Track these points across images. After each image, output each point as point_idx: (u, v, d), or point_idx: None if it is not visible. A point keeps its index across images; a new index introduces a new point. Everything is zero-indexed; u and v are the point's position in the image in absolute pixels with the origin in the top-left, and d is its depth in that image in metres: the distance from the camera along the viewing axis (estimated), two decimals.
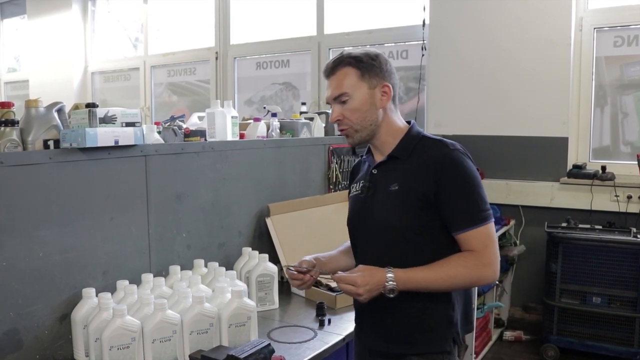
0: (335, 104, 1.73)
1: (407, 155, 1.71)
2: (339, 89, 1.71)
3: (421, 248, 1.66)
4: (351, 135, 1.74)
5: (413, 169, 1.68)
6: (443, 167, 1.63)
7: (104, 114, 1.92)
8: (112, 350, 1.69)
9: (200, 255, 2.34)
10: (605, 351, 3.69)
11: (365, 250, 1.79)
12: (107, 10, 7.08)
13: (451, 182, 1.62)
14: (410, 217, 1.66)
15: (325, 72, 1.77)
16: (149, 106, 6.63)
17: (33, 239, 1.78)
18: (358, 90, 1.69)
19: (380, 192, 1.73)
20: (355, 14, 5.33)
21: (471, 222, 1.62)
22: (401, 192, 1.67)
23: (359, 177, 1.87)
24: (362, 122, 1.71)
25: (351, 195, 1.88)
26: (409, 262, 1.63)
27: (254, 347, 1.70)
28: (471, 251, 1.62)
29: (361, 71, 1.70)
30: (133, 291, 1.91)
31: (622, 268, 3.62)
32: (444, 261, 1.63)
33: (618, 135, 4.23)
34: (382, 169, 1.76)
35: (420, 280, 1.61)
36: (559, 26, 4.13)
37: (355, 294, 1.59)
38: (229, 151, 2.50)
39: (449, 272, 1.61)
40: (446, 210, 1.63)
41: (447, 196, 1.62)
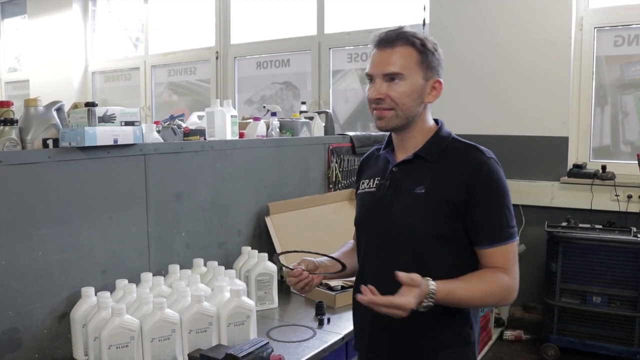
0: (382, 80, 1.56)
1: (436, 156, 1.59)
2: (394, 66, 1.54)
3: (439, 257, 1.55)
4: (388, 118, 1.57)
5: (442, 173, 1.56)
6: (478, 176, 1.52)
7: (103, 113, 1.92)
8: (110, 349, 1.69)
9: (199, 254, 2.34)
10: (606, 351, 3.69)
11: (374, 252, 1.66)
12: (107, 10, 7.09)
13: (485, 193, 1.51)
14: (434, 223, 1.54)
15: (380, 41, 1.58)
16: (149, 106, 6.63)
17: (32, 238, 1.78)
18: (413, 76, 1.55)
19: (403, 193, 1.60)
20: (355, 13, 5.33)
21: (499, 238, 1.52)
22: (428, 196, 1.55)
23: (371, 172, 1.74)
24: (406, 109, 1.56)
25: (362, 191, 1.74)
26: (424, 270, 1.48)
27: (253, 345, 1.70)
28: (500, 268, 1.52)
29: (422, 57, 1.56)
30: (132, 290, 1.91)
31: (622, 267, 3.61)
32: (478, 276, 1.53)
33: (618, 135, 4.22)
34: (405, 168, 1.63)
35: (458, 297, 1.48)
36: (559, 26, 4.13)
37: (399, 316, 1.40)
38: (228, 150, 2.50)
39: (485, 289, 1.51)
40: (474, 222, 1.53)
41: (478, 207, 1.51)
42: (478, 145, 1.60)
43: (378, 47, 1.58)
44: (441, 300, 1.44)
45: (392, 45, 1.55)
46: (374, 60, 1.59)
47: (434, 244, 1.55)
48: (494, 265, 1.53)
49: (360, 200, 1.75)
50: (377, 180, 1.69)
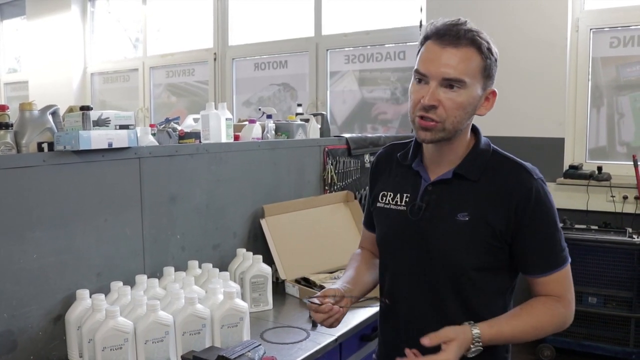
0: (439, 85, 1.35)
1: (478, 175, 1.42)
2: (458, 71, 1.34)
3: (481, 287, 1.43)
4: (435, 131, 1.37)
5: (487, 197, 1.40)
6: (528, 202, 1.37)
7: (98, 117, 1.94)
8: (105, 351, 1.70)
9: (194, 256, 2.36)
10: (601, 351, 3.70)
11: (406, 278, 1.51)
12: (107, 10, 7.10)
13: (537, 221, 1.38)
14: (479, 255, 1.40)
15: (443, 34, 1.37)
16: (147, 107, 6.65)
17: (27, 240, 1.80)
18: (474, 84, 1.37)
19: (443, 219, 1.43)
20: (352, 15, 5.34)
21: (553, 266, 1.41)
22: (473, 225, 1.39)
23: (395, 184, 1.56)
24: (457, 123, 1.38)
25: (386, 207, 1.56)
26: (463, 301, 1.41)
27: (245, 347, 1.72)
28: (553, 297, 1.42)
29: (485, 64, 1.38)
30: (126, 292, 1.92)
31: (617, 268, 3.63)
32: (527, 310, 1.41)
33: (614, 136, 4.24)
34: (442, 188, 1.45)
35: (508, 336, 1.38)
36: (555, 27, 4.14)
37: None
38: (223, 153, 2.52)
39: (535, 323, 1.40)
40: (525, 251, 1.40)
41: (529, 236, 1.38)
42: (524, 162, 1.46)
43: (438, 42, 1.37)
44: (488, 342, 1.35)
45: (457, 44, 1.35)
46: (430, 57, 1.37)
47: (476, 275, 1.42)
48: (548, 293, 1.43)
49: (386, 219, 1.56)
50: (406, 198, 1.50)
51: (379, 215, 1.59)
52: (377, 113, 5.23)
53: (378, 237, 1.62)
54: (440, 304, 1.43)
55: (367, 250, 1.76)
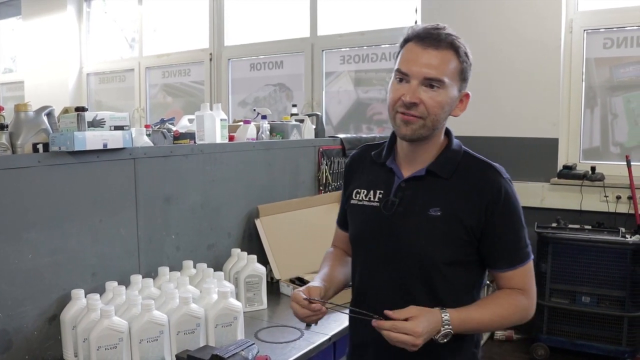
0: (420, 83, 1.40)
1: (450, 173, 1.48)
2: (438, 71, 1.40)
3: (451, 282, 1.47)
4: (415, 127, 1.42)
5: (458, 194, 1.46)
6: (498, 200, 1.43)
7: (93, 118, 1.95)
8: (99, 351, 1.72)
9: (189, 256, 2.37)
10: (595, 350, 3.72)
11: (377, 274, 1.54)
12: (103, 10, 7.10)
13: (505, 218, 1.44)
14: (451, 249, 1.45)
15: (424, 37, 1.42)
16: (143, 107, 6.65)
17: (22, 241, 1.81)
18: (452, 86, 1.43)
19: (416, 214, 1.47)
20: (348, 15, 5.36)
21: (519, 260, 1.47)
22: (445, 220, 1.44)
23: (369, 181, 1.59)
24: (435, 120, 1.43)
25: (359, 203, 1.59)
26: (434, 295, 1.45)
27: (239, 346, 1.73)
28: (517, 290, 1.48)
29: (462, 67, 1.45)
30: (121, 292, 1.93)
31: (610, 268, 3.65)
32: (494, 300, 1.48)
33: (608, 136, 4.26)
34: (415, 184, 1.50)
35: (475, 324, 1.43)
36: (549, 28, 4.16)
37: (411, 345, 1.32)
38: (218, 153, 2.53)
39: (502, 313, 1.46)
40: (493, 247, 1.46)
41: (497, 232, 1.45)
42: (492, 162, 1.52)
43: (420, 43, 1.42)
44: (456, 328, 1.38)
45: (438, 46, 1.41)
46: (412, 57, 1.42)
47: (447, 270, 1.46)
48: (513, 286, 1.49)
49: (359, 215, 1.59)
50: (379, 194, 1.54)
51: (353, 212, 1.62)
52: (372, 113, 5.24)
53: (351, 234, 1.65)
54: (410, 298, 1.45)
55: (339, 249, 1.79)
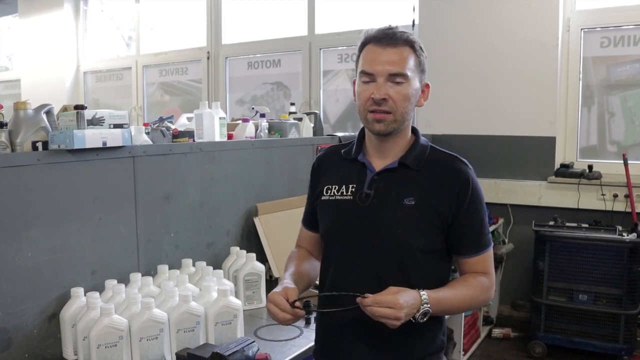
0: (386, 80, 1.47)
1: (421, 165, 1.55)
2: (400, 66, 1.47)
3: (425, 269, 1.53)
4: (387, 122, 1.49)
5: (430, 184, 1.52)
6: (466, 188, 1.52)
7: (92, 116, 1.94)
8: (99, 349, 1.72)
9: (188, 254, 2.37)
10: (592, 347, 3.74)
11: (353, 265, 1.57)
12: (100, 9, 7.09)
13: (471, 205, 1.52)
14: (425, 236, 1.51)
15: (382, 38, 1.49)
16: (141, 106, 6.65)
17: (22, 239, 1.81)
18: (414, 78, 1.51)
19: (391, 204, 1.52)
20: (345, 14, 5.36)
21: (483, 246, 1.56)
22: (419, 209, 1.50)
23: (340, 177, 1.62)
24: (404, 113, 1.50)
25: (330, 198, 1.62)
26: (409, 283, 1.46)
27: (239, 344, 1.73)
28: (481, 273, 1.56)
29: (420, 60, 1.52)
30: (121, 290, 1.93)
31: (607, 266, 3.67)
32: (463, 283, 1.55)
33: (605, 135, 4.27)
34: (388, 176, 1.56)
35: (448, 303, 1.48)
36: (546, 27, 4.17)
37: (394, 318, 1.36)
38: (216, 152, 2.53)
39: (471, 294, 1.53)
40: (461, 234, 1.54)
41: (464, 219, 1.52)
42: (458, 155, 1.59)
43: (378, 44, 1.49)
44: (433, 308, 1.43)
45: (395, 44, 1.48)
46: (374, 58, 1.49)
47: (422, 258, 1.52)
48: (477, 271, 1.57)
49: (332, 209, 1.61)
50: (352, 188, 1.58)
51: (324, 208, 1.64)
52: None
53: (323, 229, 1.66)
54: (384, 283, 1.45)
55: (304, 249, 1.79)
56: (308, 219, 1.78)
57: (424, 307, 1.41)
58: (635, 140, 4.16)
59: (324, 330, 1.69)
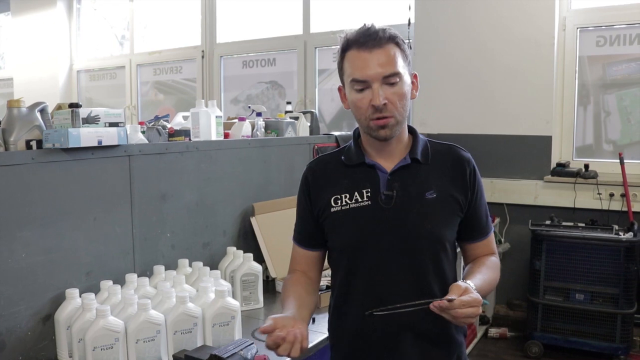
0: (381, 84, 1.42)
1: (427, 159, 1.54)
2: (392, 66, 1.42)
3: (450, 260, 1.55)
4: (391, 126, 1.45)
5: (444, 175, 1.52)
6: (474, 173, 1.54)
7: (87, 114, 1.92)
8: (95, 351, 1.69)
9: (184, 255, 2.35)
10: (588, 347, 3.74)
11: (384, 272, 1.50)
12: (93, 7, 7.05)
13: (479, 189, 1.56)
14: (453, 227, 1.53)
15: (366, 42, 1.43)
16: (135, 105, 6.61)
17: (16, 239, 1.78)
18: (405, 74, 1.46)
19: (414, 201, 1.49)
20: (341, 12, 5.34)
21: (489, 228, 1.61)
22: (441, 200, 1.50)
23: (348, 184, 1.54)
24: (404, 112, 1.47)
25: (342, 209, 1.53)
26: (443, 276, 1.49)
27: (237, 346, 1.71)
28: (491, 254, 1.60)
29: (404, 54, 1.48)
30: (117, 291, 1.91)
31: (604, 265, 3.67)
32: (486, 265, 1.54)
33: (601, 134, 4.28)
34: (402, 174, 1.52)
35: (483, 289, 1.43)
36: (542, 26, 4.17)
37: (476, 315, 1.32)
38: (213, 151, 2.51)
39: (494, 276, 1.54)
40: (473, 219, 1.56)
41: (476, 204, 1.55)
42: (454, 143, 1.61)
43: (363, 48, 1.43)
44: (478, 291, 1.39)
45: (380, 44, 1.42)
46: (363, 63, 1.43)
47: (449, 247, 1.54)
48: (486, 253, 1.60)
49: (348, 219, 1.52)
50: (367, 193, 1.51)
51: (338, 221, 1.54)
52: None
53: (341, 243, 1.56)
54: (425, 281, 1.49)
55: (300, 273, 1.66)
56: (305, 236, 1.65)
57: None
58: (631, 139, 4.16)
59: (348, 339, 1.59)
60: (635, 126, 4.15)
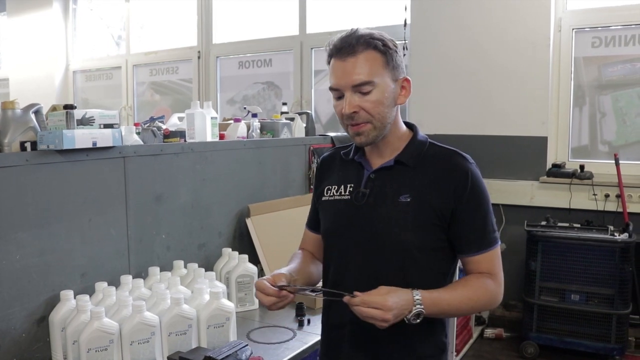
0: (352, 92, 1.45)
1: (417, 162, 1.53)
2: (362, 75, 1.43)
3: (424, 268, 1.50)
4: (366, 133, 1.48)
5: (427, 180, 1.50)
6: (465, 183, 1.47)
7: (82, 116, 1.92)
8: (90, 353, 1.69)
9: (180, 256, 2.34)
10: (584, 347, 3.75)
11: (352, 264, 1.55)
12: (89, 7, 7.04)
13: (472, 201, 1.48)
14: (423, 233, 1.48)
15: (340, 50, 1.45)
16: (131, 105, 6.60)
17: (10, 241, 1.77)
18: (383, 81, 1.46)
19: (387, 202, 1.51)
20: (337, 13, 5.35)
21: (486, 245, 1.50)
22: (414, 205, 1.48)
23: (339, 177, 1.63)
24: (382, 118, 1.47)
25: (330, 199, 1.62)
26: (408, 282, 1.44)
27: (232, 348, 1.71)
28: (485, 274, 1.51)
29: (387, 58, 1.47)
30: (111, 293, 1.91)
31: (599, 266, 3.67)
32: (464, 283, 1.50)
33: (596, 135, 4.29)
34: (384, 174, 1.54)
35: (444, 304, 1.44)
36: (538, 27, 4.18)
37: (381, 319, 1.33)
38: (208, 152, 2.51)
39: (471, 295, 1.47)
40: (461, 231, 1.49)
41: (466, 216, 1.48)
42: (458, 150, 1.55)
43: (338, 57, 1.46)
44: (428, 309, 1.39)
45: (354, 53, 1.44)
46: (337, 72, 1.47)
47: (420, 255, 1.49)
48: (481, 271, 1.51)
49: (331, 209, 1.62)
50: (350, 187, 1.58)
51: (325, 209, 1.65)
52: None
53: (323, 229, 1.66)
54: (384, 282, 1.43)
55: (307, 251, 1.77)
56: (311, 219, 1.79)
57: (416, 308, 1.37)
58: (627, 140, 4.17)
59: (326, 331, 1.69)
60: (631, 127, 4.16)
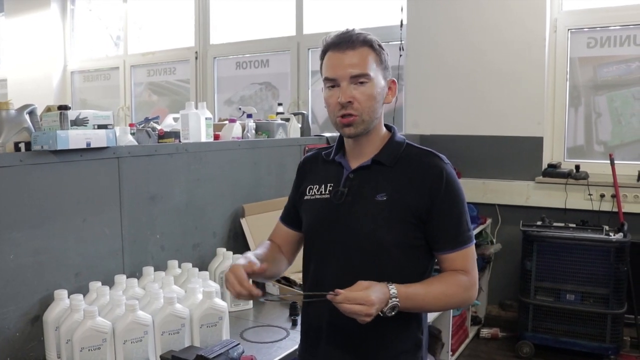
0: (349, 83, 1.50)
1: (394, 162, 1.57)
2: (361, 67, 1.50)
3: (401, 265, 1.53)
4: (356, 124, 1.52)
5: (403, 180, 1.54)
6: (440, 183, 1.51)
7: (76, 117, 1.93)
8: (82, 352, 1.70)
9: (174, 256, 2.35)
10: (579, 347, 3.76)
11: (331, 261, 1.59)
12: (88, 8, 7.05)
13: (447, 200, 1.52)
14: (397, 231, 1.52)
15: (340, 42, 1.52)
16: (128, 106, 6.61)
17: (4, 241, 1.78)
18: (377, 77, 1.53)
19: (364, 200, 1.55)
20: (334, 14, 5.36)
21: (460, 243, 1.54)
22: (390, 204, 1.52)
23: (320, 177, 1.67)
24: (372, 113, 1.53)
25: (311, 198, 1.66)
26: (385, 279, 1.45)
27: (224, 347, 1.72)
28: (460, 271, 1.54)
29: (380, 57, 1.55)
30: (105, 292, 1.91)
31: (594, 265, 3.68)
32: (439, 279, 1.54)
33: (592, 135, 4.30)
34: (362, 174, 1.59)
35: (419, 299, 1.48)
36: (533, 28, 4.19)
37: (365, 314, 1.36)
38: (203, 152, 2.52)
39: (446, 291, 1.52)
40: (436, 229, 1.53)
41: (441, 214, 1.52)
42: (434, 150, 1.60)
43: (337, 49, 1.52)
44: (403, 302, 1.43)
45: (353, 47, 1.51)
46: (335, 63, 1.52)
47: (396, 252, 1.53)
48: (455, 268, 1.55)
49: (311, 207, 1.66)
50: (330, 187, 1.62)
51: (306, 207, 1.69)
52: None
53: (305, 228, 1.71)
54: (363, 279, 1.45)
55: (275, 244, 1.82)
56: (286, 214, 1.83)
57: (392, 300, 1.41)
58: (622, 140, 4.18)
59: (305, 330, 1.72)
60: (626, 127, 4.17)
